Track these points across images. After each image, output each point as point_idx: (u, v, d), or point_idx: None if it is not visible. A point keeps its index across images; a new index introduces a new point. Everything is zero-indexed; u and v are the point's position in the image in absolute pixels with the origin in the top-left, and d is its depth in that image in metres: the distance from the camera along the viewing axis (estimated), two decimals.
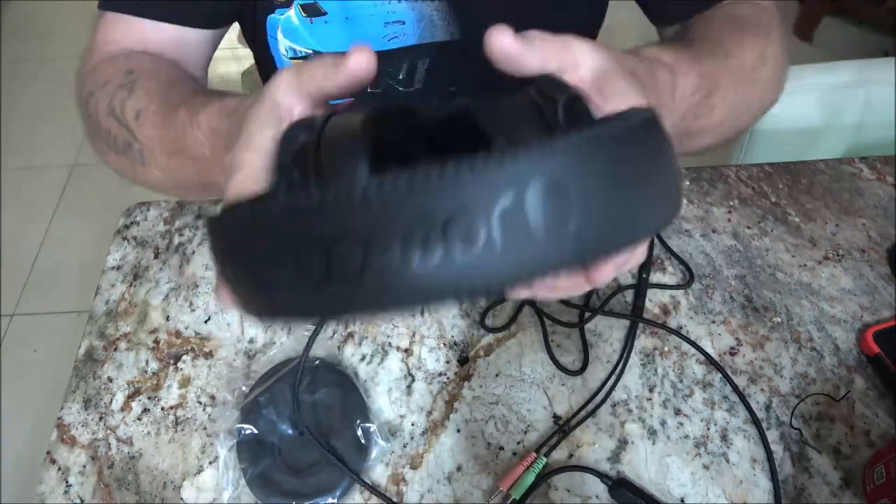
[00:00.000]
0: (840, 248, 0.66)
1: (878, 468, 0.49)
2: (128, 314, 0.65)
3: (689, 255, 0.66)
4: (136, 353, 0.62)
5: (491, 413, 0.57)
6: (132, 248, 0.70)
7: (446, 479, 0.53)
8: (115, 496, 0.54)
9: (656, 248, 0.66)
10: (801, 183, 0.72)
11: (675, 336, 0.60)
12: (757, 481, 0.53)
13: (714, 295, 0.63)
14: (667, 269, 0.65)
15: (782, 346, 0.60)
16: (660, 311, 0.62)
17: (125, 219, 0.73)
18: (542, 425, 0.56)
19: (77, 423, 0.58)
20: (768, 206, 0.70)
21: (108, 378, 0.61)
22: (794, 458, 0.54)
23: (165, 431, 0.57)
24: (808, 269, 0.65)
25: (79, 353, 0.63)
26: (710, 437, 0.55)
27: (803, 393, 0.57)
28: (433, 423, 0.56)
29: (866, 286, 0.63)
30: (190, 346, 0.63)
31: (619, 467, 0.54)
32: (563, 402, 0.57)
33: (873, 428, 0.55)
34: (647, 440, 0.55)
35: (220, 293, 0.30)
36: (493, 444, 0.55)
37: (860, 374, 0.58)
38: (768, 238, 0.67)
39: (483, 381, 0.58)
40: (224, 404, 0.56)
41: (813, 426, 0.55)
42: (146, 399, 0.59)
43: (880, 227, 0.68)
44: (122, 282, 0.68)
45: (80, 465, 0.56)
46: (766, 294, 0.63)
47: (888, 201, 0.70)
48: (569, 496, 0.52)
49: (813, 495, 0.52)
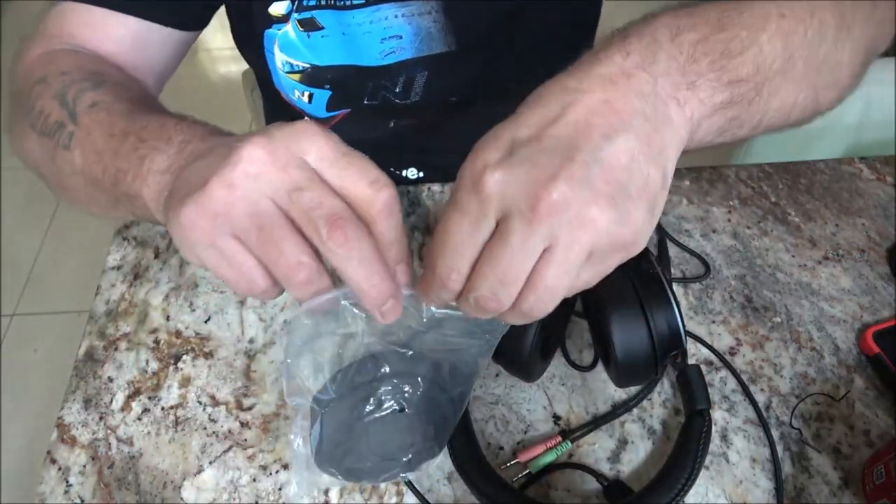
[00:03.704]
0: (840, 248, 0.66)
1: (878, 468, 0.49)
2: (128, 314, 0.65)
3: (688, 255, 0.66)
4: (137, 353, 0.62)
5: (491, 413, 0.57)
6: (132, 248, 0.70)
7: (446, 479, 0.53)
8: (115, 496, 0.54)
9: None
10: (800, 183, 0.72)
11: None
12: (757, 481, 0.53)
13: (714, 295, 0.63)
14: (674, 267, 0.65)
15: (782, 346, 0.60)
16: None
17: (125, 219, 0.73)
18: (542, 425, 0.56)
19: (77, 422, 0.58)
20: (768, 206, 0.70)
21: (108, 378, 0.61)
22: (794, 458, 0.54)
23: (165, 431, 0.57)
24: (807, 269, 0.65)
25: (79, 353, 0.63)
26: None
27: (803, 393, 0.57)
28: None
29: (866, 286, 0.63)
30: (190, 346, 0.63)
31: (618, 467, 0.54)
32: (563, 401, 0.57)
33: (873, 428, 0.55)
34: (647, 440, 0.55)
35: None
36: (494, 444, 0.55)
37: (860, 374, 0.58)
38: (768, 238, 0.67)
39: (483, 381, 0.58)
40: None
41: (813, 426, 0.55)
42: (146, 399, 0.59)
43: (880, 227, 0.68)
44: (122, 282, 0.68)
45: (81, 464, 0.56)
46: (766, 294, 0.63)
47: (888, 201, 0.70)
48: (569, 496, 0.52)
49: (813, 495, 0.52)
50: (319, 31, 0.65)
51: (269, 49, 0.68)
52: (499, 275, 0.31)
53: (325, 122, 0.75)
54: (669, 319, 0.48)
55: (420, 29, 0.64)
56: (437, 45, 0.66)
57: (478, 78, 0.70)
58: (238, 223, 0.32)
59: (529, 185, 0.29)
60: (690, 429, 0.49)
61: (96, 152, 0.44)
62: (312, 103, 0.72)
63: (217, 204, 0.32)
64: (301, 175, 0.32)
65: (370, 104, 0.71)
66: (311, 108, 0.73)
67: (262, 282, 0.34)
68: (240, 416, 0.58)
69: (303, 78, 0.69)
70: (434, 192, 0.72)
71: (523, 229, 0.30)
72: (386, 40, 0.65)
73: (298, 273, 0.33)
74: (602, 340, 0.51)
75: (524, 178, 0.30)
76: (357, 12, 0.63)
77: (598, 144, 0.30)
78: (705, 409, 0.49)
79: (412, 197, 0.72)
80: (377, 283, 0.33)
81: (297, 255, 0.33)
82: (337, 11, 0.63)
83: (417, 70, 0.68)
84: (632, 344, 0.47)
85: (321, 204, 0.32)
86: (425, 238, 0.68)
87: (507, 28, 0.66)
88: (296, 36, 0.66)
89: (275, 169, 0.32)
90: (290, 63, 0.68)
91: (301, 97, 0.71)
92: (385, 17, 0.63)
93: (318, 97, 0.71)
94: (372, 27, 0.64)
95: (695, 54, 0.34)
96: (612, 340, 0.47)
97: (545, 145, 0.30)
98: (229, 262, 0.33)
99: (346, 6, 0.63)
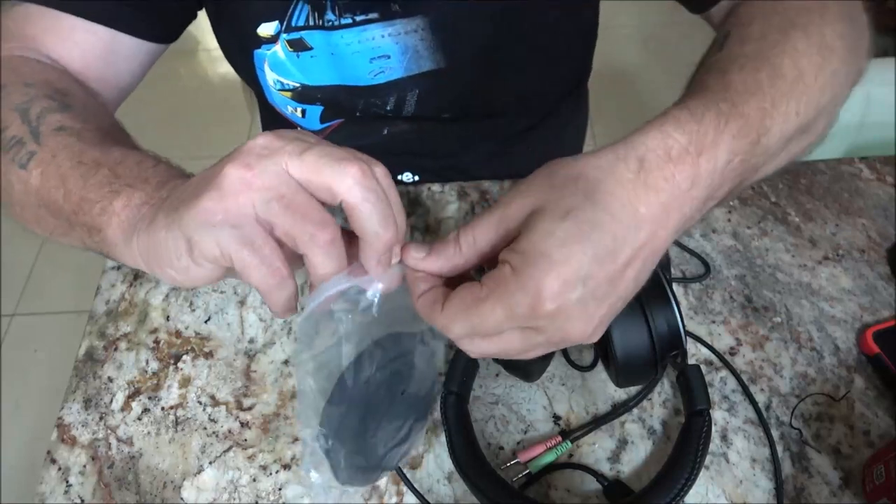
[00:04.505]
0: (840, 248, 0.66)
1: (878, 468, 0.49)
2: (128, 314, 0.65)
3: (688, 255, 0.66)
4: (137, 353, 0.62)
5: (491, 413, 0.57)
6: None
7: (446, 479, 0.53)
8: (115, 496, 0.54)
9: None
10: (800, 183, 0.72)
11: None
12: (757, 481, 0.53)
13: (714, 295, 0.63)
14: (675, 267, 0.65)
15: (782, 346, 0.60)
16: None
17: None
18: (542, 425, 0.56)
19: (77, 423, 0.58)
20: (768, 206, 0.70)
21: (108, 378, 0.61)
22: (793, 458, 0.54)
23: (165, 431, 0.57)
24: (807, 269, 0.65)
25: (79, 353, 0.63)
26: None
27: (803, 393, 0.57)
28: (433, 423, 0.56)
29: (866, 286, 0.63)
30: (190, 346, 0.63)
31: (618, 467, 0.54)
32: (563, 401, 0.57)
33: (873, 428, 0.55)
34: (647, 440, 0.55)
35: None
36: (494, 444, 0.55)
37: (860, 374, 0.58)
38: (768, 238, 0.67)
39: (483, 381, 0.58)
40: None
41: (813, 426, 0.55)
42: (146, 399, 0.59)
43: (880, 227, 0.68)
44: (122, 282, 0.68)
45: (81, 465, 0.56)
46: (766, 294, 0.63)
47: (888, 201, 0.70)
48: (569, 496, 0.52)
49: (813, 495, 0.52)
50: (308, 51, 0.65)
51: (260, 68, 0.68)
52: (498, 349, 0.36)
53: (320, 133, 0.75)
54: (669, 319, 0.48)
55: (408, 48, 0.64)
56: (425, 63, 0.66)
57: (469, 94, 0.69)
58: (261, 197, 0.33)
59: (571, 328, 0.34)
60: (691, 428, 0.49)
61: (60, 176, 0.43)
62: (306, 118, 0.72)
63: (237, 183, 0.33)
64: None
65: (363, 116, 0.71)
66: (305, 122, 0.73)
67: (283, 267, 0.34)
68: (240, 416, 0.58)
69: (294, 96, 0.69)
70: (434, 192, 0.72)
71: (539, 344, 0.35)
72: (375, 60, 0.65)
73: (324, 233, 0.34)
74: (602, 340, 0.51)
75: (573, 320, 0.34)
76: (345, 32, 0.63)
77: (629, 289, 0.35)
78: (705, 409, 0.49)
79: (412, 197, 0.72)
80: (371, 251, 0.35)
81: (322, 214, 0.34)
82: (325, 31, 0.63)
83: (408, 89, 0.68)
84: (632, 344, 0.47)
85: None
86: (425, 237, 0.68)
87: (495, 44, 0.65)
88: (285, 56, 0.65)
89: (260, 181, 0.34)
90: (280, 81, 0.68)
91: (294, 112, 0.71)
92: (372, 36, 0.63)
93: (310, 112, 0.71)
94: (360, 47, 0.64)
95: (725, 181, 0.37)
96: (612, 340, 0.47)
97: (596, 292, 0.34)
98: (251, 245, 0.34)
99: (333, 26, 0.62)
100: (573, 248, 0.32)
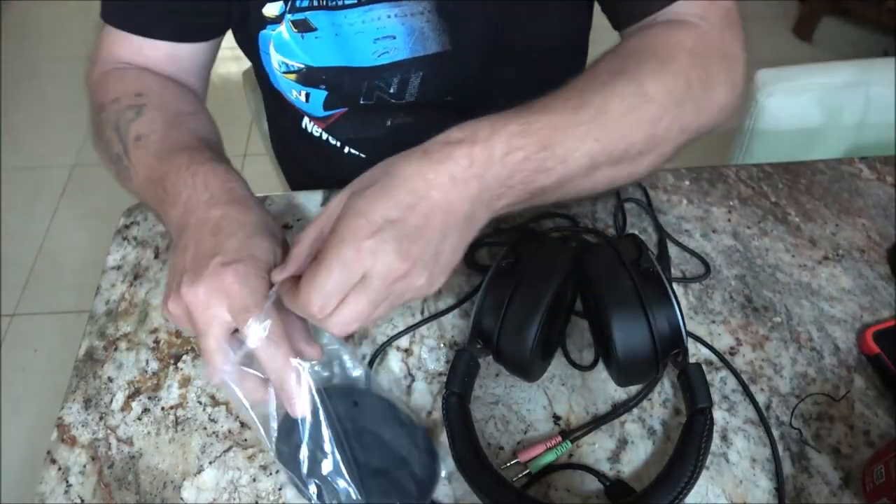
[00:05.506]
0: (840, 248, 0.66)
1: (878, 468, 0.49)
2: (128, 314, 0.65)
3: (688, 256, 0.66)
4: (137, 353, 0.62)
5: (491, 413, 0.57)
6: (132, 248, 0.70)
7: (446, 479, 0.53)
8: (115, 496, 0.54)
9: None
10: (800, 183, 0.72)
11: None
12: (757, 481, 0.53)
13: (714, 295, 0.63)
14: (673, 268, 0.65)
15: (782, 346, 0.60)
16: None
17: (125, 219, 0.73)
18: (542, 425, 0.56)
19: (77, 423, 0.58)
20: (768, 206, 0.70)
21: (108, 378, 0.61)
22: (793, 458, 0.54)
23: (165, 431, 0.57)
24: (807, 269, 0.65)
25: (79, 353, 0.63)
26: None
27: (803, 393, 0.57)
28: (433, 423, 0.56)
29: (866, 286, 0.63)
30: (190, 346, 0.63)
31: (618, 467, 0.54)
32: (562, 401, 0.57)
33: (873, 428, 0.55)
34: (647, 440, 0.55)
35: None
36: (494, 444, 0.55)
37: (860, 374, 0.58)
38: (768, 238, 0.67)
39: (483, 381, 0.58)
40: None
41: (813, 426, 0.55)
42: (146, 399, 0.59)
43: (880, 227, 0.68)
44: (122, 282, 0.68)
45: (81, 464, 0.56)
46: (766, 294, 0.63)
47: (888, 201, 0.70)
48: (569, 496, 0.52)
49: (813, 495, 0.52)
50: (313, 32, 0.65)
51: (265, 50, 0.68)
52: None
53: (323, 120, 0.75)
54: (670, 317, 0.48)
55: (413, 29, 0.65)
56: (431, 46, 0.66)
57: (473, 78, 0.70)
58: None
59: (392, 260, 0.42)
60: (693, 427, 0.49)
61: (142, 188, 0.56)
62: (309, 102, 0.72)
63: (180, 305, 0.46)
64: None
65: (366, 104, 0.71)
66: (309, 107, 0.73)
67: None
68: (240, 416, 0.58)
69: (298, 78, 0.69)
70: None
71: (376, 288, 0.43)
72: (379, 40, 0.65)
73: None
74: (603, 339, 0.51)
75: (390, 253, 0.42)
76: (349, 12, 0.63)
77: (436, 237, 0.44)
78: (707, 408, 0.49)
79: None
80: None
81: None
82: (329, 12, 0.63)
83: (412, 70, 0.68)
84: (633, 342, 0.47)
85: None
86: None
87: (501, 27, 0.66)
88: (290, 37, 0.66)
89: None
90: (285, 63, 0.68)
91: (298, 96, 0.71)
92: (378, 17, 0.63)
93: (314, 96, 0.71)
94: (364, 27, 0.64)
95: (513, 172, 0.45)
96: (612, 339, 0.47)
97: (405, 232, 0.42)
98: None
99: (338, 6, 0.63)
100: (376, 203, 0.42)
